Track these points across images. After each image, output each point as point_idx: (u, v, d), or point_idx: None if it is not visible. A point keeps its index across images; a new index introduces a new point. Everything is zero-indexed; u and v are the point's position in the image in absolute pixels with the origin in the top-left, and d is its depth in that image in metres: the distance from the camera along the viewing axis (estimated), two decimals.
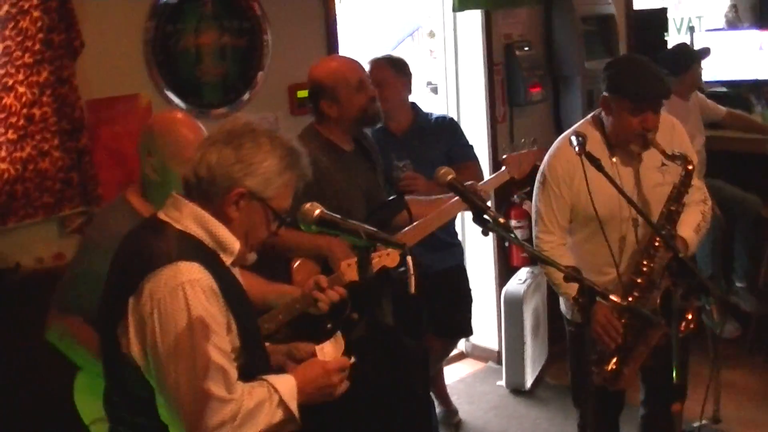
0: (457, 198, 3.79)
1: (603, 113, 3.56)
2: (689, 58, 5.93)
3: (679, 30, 7.47)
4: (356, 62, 3.86)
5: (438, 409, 5.16)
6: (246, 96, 4.53)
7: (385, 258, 3.32)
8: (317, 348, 2.65)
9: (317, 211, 2.37)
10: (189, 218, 2.42)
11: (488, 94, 5.77)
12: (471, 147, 4.95)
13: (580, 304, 2.35)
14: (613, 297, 2.42)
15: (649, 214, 3.42)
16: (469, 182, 3.76)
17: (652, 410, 3.92)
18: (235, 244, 2.45)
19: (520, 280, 5.63)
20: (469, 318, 5.06)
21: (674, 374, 2.96)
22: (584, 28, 5.93)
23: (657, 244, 3.37)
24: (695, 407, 3.60)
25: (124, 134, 4.07)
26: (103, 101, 4.03)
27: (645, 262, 3.42)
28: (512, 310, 5.54)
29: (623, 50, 6.32)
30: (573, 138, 3.30)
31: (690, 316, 2.98)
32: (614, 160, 3.50)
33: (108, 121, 4.05)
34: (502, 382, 5.70)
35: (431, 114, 4.95)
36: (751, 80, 6.72)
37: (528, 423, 5.21)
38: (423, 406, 4.33)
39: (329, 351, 2.66)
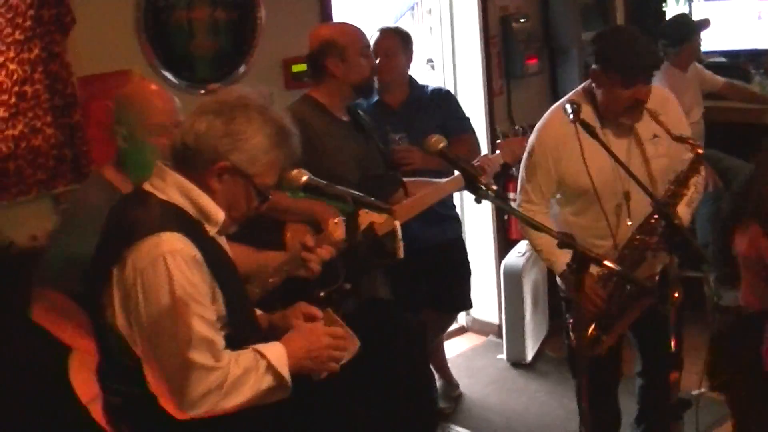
0: (454, 176, 3.78)
1: (594, 85, 3.52)
2: (689, 29, 5.88)
3: (677, 0, 7.39)
4: (362, 30, 3.91)
5: (438, 383, 5.15)
6: (240, 70, 4.50)
7: (372, 214, 3.29)
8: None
9: (304, 178, 2.36)
10: (173, 188, 2.42)
11: (485, 67, 5.72)
12: (467, 119, 4.92)
13: (572, 270, 2.32)
14: (607, 262, 2.39)
15: (635, 188, 3.37)
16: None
17: (650, 380, 3.92)
18: (219, 214, 2.45)
19: (519, 253, 5.60)
20: (468, 291, 5.04)
21: (672, 343, 2.94)
22: None
23: (654, 219, 3.34)
24: (694, 377, 3.58)
25: None
26: (95, 77, 3.99)
27: (638, 237, 3.40)
28: (512, 283, 5.51)
29: (620, 21, 6.27)
30: (567, 105, 3.27)
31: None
32: (605, 131, 3.46)
33: (100, 96, 4.00)
34: (503, 356, 5.68)
35: (427, 86, 4.92)
36: (749, 50, 6.65)
37: (527, 396, 5.20)
38: (422, 379, 4.33)
39: None
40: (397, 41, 4.65)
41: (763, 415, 2.21)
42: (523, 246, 5.67)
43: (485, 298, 5.94)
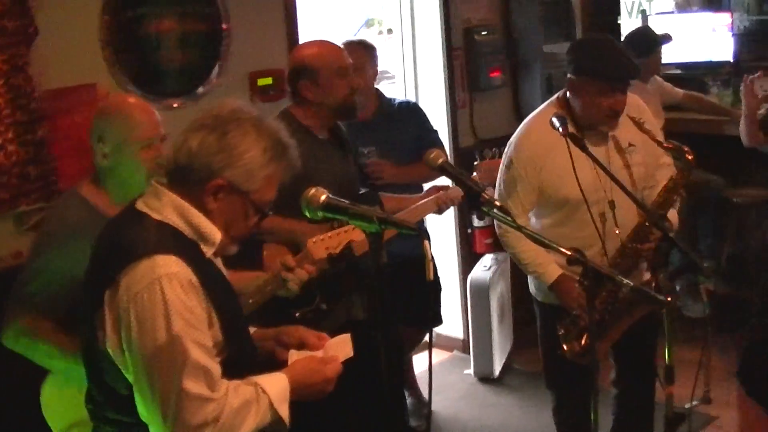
0: (430, 198, 3.73)
1: (570, 95, 3.50)
2: (653, 41, 5.93)
3: (630, 13, 7.44)
4: (342, 49, 3.76)
5: (408, 400, 5.08)
6: (207, 84, 4.39)
7: (351, 232, 3.23)
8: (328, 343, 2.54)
9: (323, 197, 2.26)
10: (168, 208, 2.31)
11: (448, 80, 5.69)
12: (436, 132, 4.89)
13: (585, 287, 2.27)
14: (622, 278, 2.35)
15: (620, 197, 3.34)
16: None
17: (625, 389, 3.89)
18: (216, 235, 2.34)
19: (485, 267, 5.57)
20: (439, 307, 4.99)
21: (666, 356, 2.92)
22: (542, 12, 5.88)
23: (647, 225, 3.32)
24: (680, 390, 3.57)
25: (83, 124, 3.88)
26: (60, 91, 3.86)
27: (630, 245, 3.37)
28: (479, 297, 5.47)
29: (579, 34, 6.28)
30: (555, 119, 3.23)
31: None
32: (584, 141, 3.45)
33: (66, 111, 3.88)
34: (470, 371, 5.63)
35: (394, 99, 4.88)
36: (705, 62, 6.73)
37: (500, 411, 5.15)
38: (395, 398, 4.26)
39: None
40: (363, 54, 4.59)
41: None
42: (488, 260, 5.64)
43: (449, 313, 5.88)
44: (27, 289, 2.96)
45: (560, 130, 3.16)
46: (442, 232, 5.89)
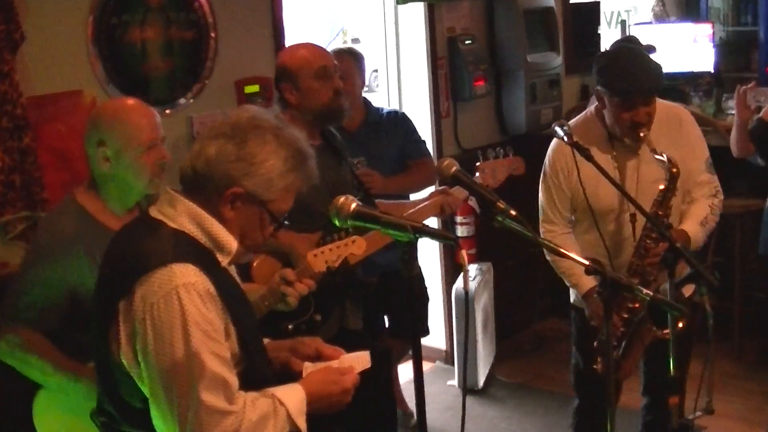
0: (431, 201, 3.67)
1: (601, 106, 3.50)
2: None
3: (609, 24, 7.48)
4: (325, 50, 3.69)
5: None
6: (193, 92, 4.33)
7: (351, 246, 3.18)
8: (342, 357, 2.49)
9: (353, 205, 2.20)
10: (184, 216, 2.26)
11: (432, 89, 5.65)
12: (423, 142, 4.86)
13: (603, 297, 2.23)
14: (641, 289, 2.31)
15: (648, 210, 3.32)
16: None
17: (652, 399, 3.85)
18: (233, 244, 2.29)
19: (469, 277, 5.52)
20: (426, 318, 4.95)
21: (671, 367, 2.89)
22: (526, 21, 5.86)
23: (649, 241, 3.29)
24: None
25: (67, 133, 3.83)
26: (45, 98, 3.78)
27: (638, 262, 3.36)
28: (463, 308, 5.42)
29: (561, 44, 6.27)
30: (558, 128, 3.20)
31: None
32: (614, 153, 3.45)
33: (51, 118, 3.80)
34: (454, 382, 5.60)
35: (382, 109, 4.84)
36: (686, 72, 6.75)
37: (486, 423, 5.11)
38: (387, 409, 4.22)
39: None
40: (351, 62, 4.54)
41: None
42: (472, 270, 5.60)
43: (432, 324, 5.83)
44: (20, 301, 2.88)
45: (564, 139, 3.13)
46: (425, 243, 5.83)
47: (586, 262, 2.27)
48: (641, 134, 3.31)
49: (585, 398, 3.85)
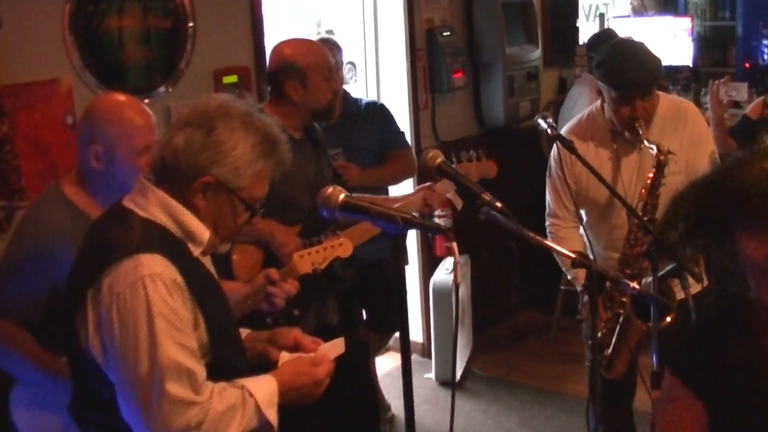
0: (416, 195, 3.66)
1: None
2: (611, 39, 5.92)
3: (587, 17, 7.49)
4: (327, 51, 3.68)
5: None
6: (170, 81, 4.27)
7: (338, 248, 3.17)
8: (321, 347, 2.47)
9: (341, 196, 2.16)
10: (155, 205, 2.24)
11: (410, 81, 5.63)
12: (402, 134, 4.84)
13: (589, 290, 2.22)
14: (628, 282, 2.30)
15: (637, 197, 3.35)
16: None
17: None
18: (204, 234, 2.28)
19: (447, 270, 5.52)
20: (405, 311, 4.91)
21: (654, 360, 2.89)
22: (505, 14, 5.85)
23: (638, 230, 3.29)
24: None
25: (44, 121, 3.78)
26: (20, 86, 3.72)
27: (628, 252, 3.36)
28: (441, 300, 5.43)
29: (541, 36, 6.27)
30: (541, 121, 3.19)
31: None
32: (615, 147, 3.45)
33: (27, 107, 3.74)
34: (431, 375, 5.59)
35: (361, 100, 4.81)
36: (665, 66, 6.74)
37: (463, 416, 5.10)
38: (368, 402, 4.21)
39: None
40: (335, 54, 4.51)
41: None
42: (449, 263, 5.58)
43: (409, 317, 5.81)
44: (2, 293, 2.83)
45: (549, 132, 3.12)
46: None
47: (573, 255, 2.26)
48: (639, 128, 3.31)
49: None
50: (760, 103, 4.78)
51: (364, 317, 4.88)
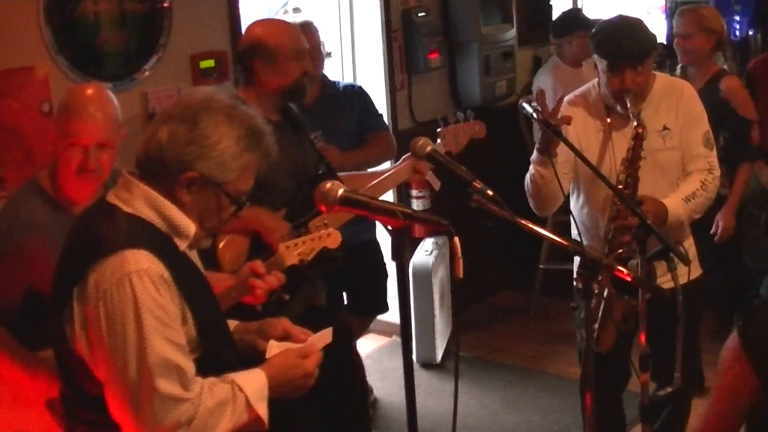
0: (402, 165, 3.64)
1: None
2: (573, 23, 5.95)
3: None
4: (299, 32, 3.65)
5: None
6: (148, 66, 4.22)
7: (326, 239, 3.14)
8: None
9: (340, 191, 2.15)
10: (140, 200, 2.23)
11: (387, 62, 5.60)
12: (381, 116, 4.84)
13: (583, 277, 2.23)
14: (621, 268, 2.31)
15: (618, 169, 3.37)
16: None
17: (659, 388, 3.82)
18: (191, 228, 2.27)
19: (426, 252, 5.51)
20: (385, 294, 4.92)
21: (642, 341, 2.90)
22: None
23: (617, 207, 3.29)
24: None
25: (20, 110, 3.73)
26: None
27: (610, 224, 3.35)
28: (421, 282, 5.42)
29: (515, 16, 6.25)
30: (526, 105, 3.18)
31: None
32: (612, 121, 3.45)
33: (2, 95, 3.69)
34: (412, 357, 5.57)
35: (338, 82, 4.80)
36: None
37: (444, 397, 5.09)
38: (353, 386, 4.20)
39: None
40: (313, 36, 4.47)
41: None
42: (429, 244, 5.58)
43: (388, 298, 5.82)
44: None
45: (534, 115, 3.11)
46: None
47: (566, 243, 2.26)
48: (628, 101, 3.32)
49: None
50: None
51: (345, 301, 4.89)
